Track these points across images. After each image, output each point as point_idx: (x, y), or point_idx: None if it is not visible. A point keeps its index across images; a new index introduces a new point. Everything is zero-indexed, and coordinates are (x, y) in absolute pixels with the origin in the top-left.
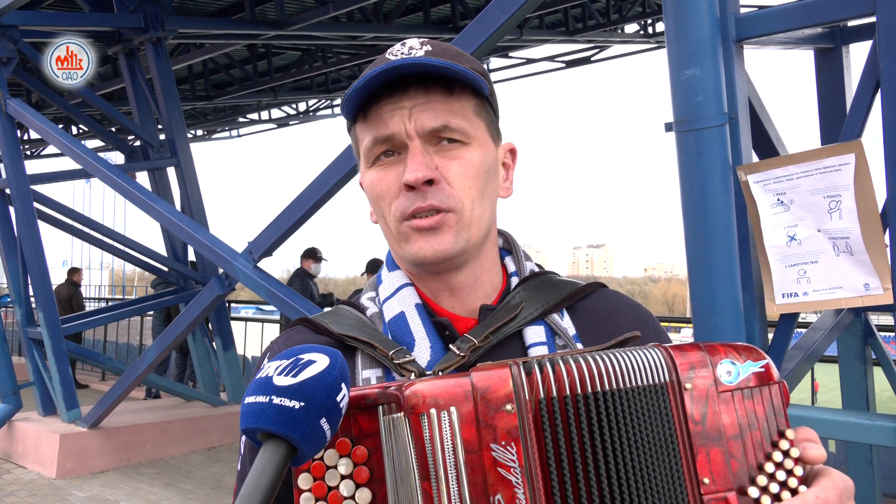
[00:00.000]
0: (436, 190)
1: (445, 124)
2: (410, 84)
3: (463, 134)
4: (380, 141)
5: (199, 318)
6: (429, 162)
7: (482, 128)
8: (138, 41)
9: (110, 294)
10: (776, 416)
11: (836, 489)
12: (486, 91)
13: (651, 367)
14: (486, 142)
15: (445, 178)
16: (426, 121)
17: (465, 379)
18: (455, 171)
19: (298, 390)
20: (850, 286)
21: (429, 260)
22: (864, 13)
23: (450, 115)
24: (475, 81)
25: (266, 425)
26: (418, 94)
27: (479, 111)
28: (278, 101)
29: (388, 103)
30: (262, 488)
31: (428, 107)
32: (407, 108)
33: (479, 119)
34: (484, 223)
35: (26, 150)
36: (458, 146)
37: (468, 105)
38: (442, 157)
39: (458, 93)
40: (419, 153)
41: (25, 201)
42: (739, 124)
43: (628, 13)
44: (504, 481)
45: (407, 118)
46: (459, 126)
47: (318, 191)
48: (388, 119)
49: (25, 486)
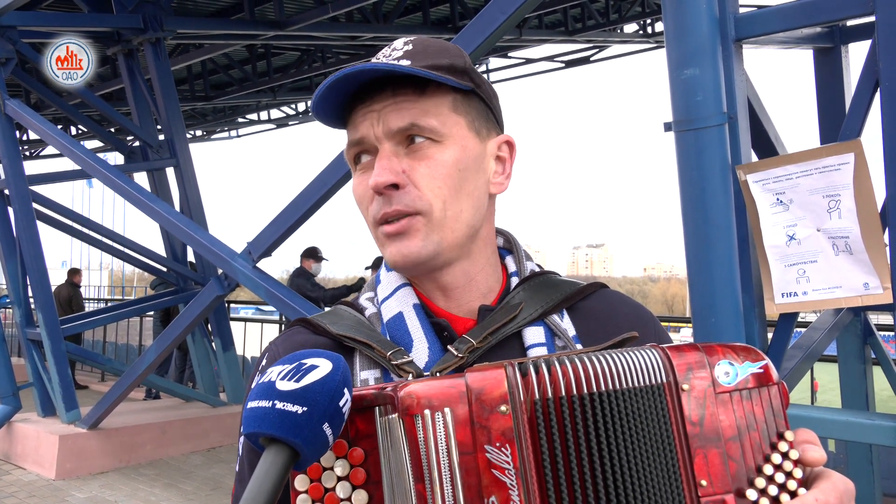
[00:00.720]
0: (401, 194)
1: (413, 123)
2: (382, 87)
3: (433, 132)
4: (353, 144)
5: (199, 318)
6: (395, 166)
7: (460, 124)
8: (137, 42)
9: (110, 295)
10: (775, 417)
11: (837, 492)
12: (465, 86)
13: (648, 367)
14: (463, 139)
15: (412, 180)
16: (393, 121)
17: (460, 380)
18: (422, 172)
19: (301, 395)
20: (849, 286)
21: (399, 265)
22: (863, 13)
23: (419, 115)
24: (442, 81)
25: (269, 430)
26: (386, 97)
27: (459, 107)
28: (277, 101)
29: (360, 107)
30: (264, 493)
31: (396, 108)
32: (377, 110)
33: (457, 115)
34: (462, 222)
35: (25, 150)
36: (429, 145)
37: (443, 102)
38: (411, 158)
39: (432, 91)
40: (385, 157)
41: (24, 202)
42: (739, 124)
43: (627, 13)
44: (498, 483)
45: (376, 121)
46: (429, 125)
47: (317, 191)
48: (360, 123)
49: (25, 488)
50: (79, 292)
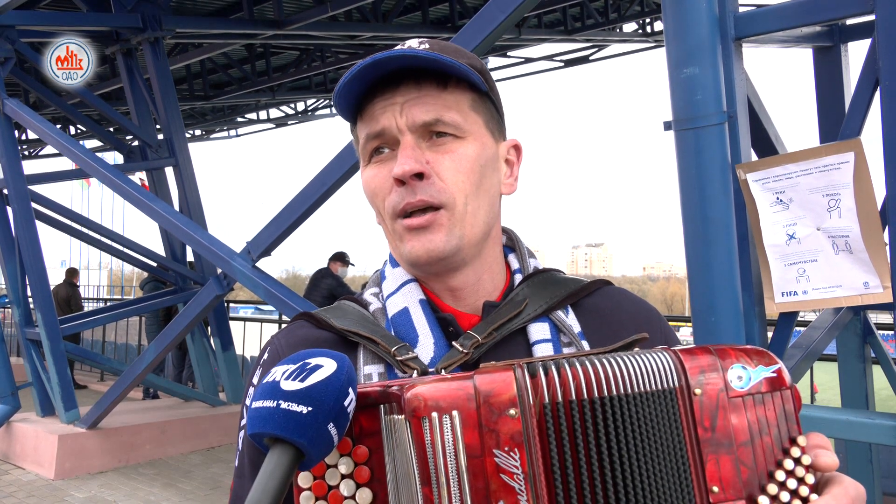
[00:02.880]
0: (426, 185)
1: (438, 118)
2: (403, 80)
3: (456, 128)
4: (372, 137)
5: (198, 318)
6: (419, 156)
7: (479, 122)
8: (136, 41)
9: (109, 294)
10: (788, 422)
11: (849, 497)
12: (483, 86)
13: (660, 371)
14: (482, 136)
15: (437, 172)
16: (417, 115)
17: (468, 382)
18: (447, 165)
19: (307, 395)
20: (849, 284)
21: (422, 260)
22: (862, 11)
23: (442, 109)
24: (467, 75)
25: (274, 430)
26: (410, 90)
27: (476, 106)
28: (277, 100)
29: (380, 100)
30: (269, 493)
31: (419, 101)
32: (399, 103)
33: (475, 114)
34: (480, 219)
35: (24, 150)
36: (452, 140)
37: (463, 99)
38: (434, 151)
39: (453, 87)
40: (409, 147)
41: (23, 201)
42: (738, 123)
43: (627, 12)
44: (507, 488)
45: (398, 113)
46: (453, 120)
47: (316, 190)
48: (380, 115)
49: (24, 487)
50: (78, 292)
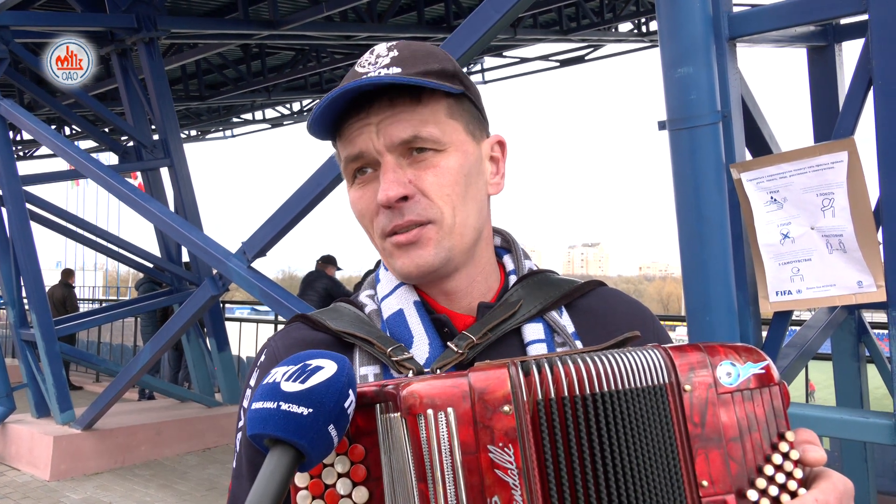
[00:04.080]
0: (412, 205)
1: (415, 134)
2: (375, 98)
3: (435, 142)
4: (351, 159)
5: (194, 318)
6: (401, 178)
7: (458, 129)
8: (131, 41)
9: (104, 295)
10: (776, 417)
11: (836, 492)
12: (458, 90)
13: (650, 368)
14: (463, 143)
15: (421, 190)
16: (394, 134)
17: (463, 379)
18: (430, 181)
19: (307, 396)
20: (843, 284)
21: (413, 275)
22: (856, 11)
23: (419, 125)
24: (439, 88)
25: (274, 431)
26: (383, 108)
27: (454, 112)
28: (272, 101)
29: (355, 120)
30: (269, 494)
31: (394, 119)
32: (374, 123)
33: (454, 121)
34: (470, 227)
35: (18, 150)
36: (432, 154)
37: (439, 109)
38: (416, 168)
39: (427, 98)
40: (390, 170)
41: (18, 202)
42: (732, 122)
43: (622, 12)
44: (501, 483)
45: (375, 135)
46: (431, 134)
47: (311, 191)
48: (357, 137)
49: (19, 489)
50: (73, 293)
